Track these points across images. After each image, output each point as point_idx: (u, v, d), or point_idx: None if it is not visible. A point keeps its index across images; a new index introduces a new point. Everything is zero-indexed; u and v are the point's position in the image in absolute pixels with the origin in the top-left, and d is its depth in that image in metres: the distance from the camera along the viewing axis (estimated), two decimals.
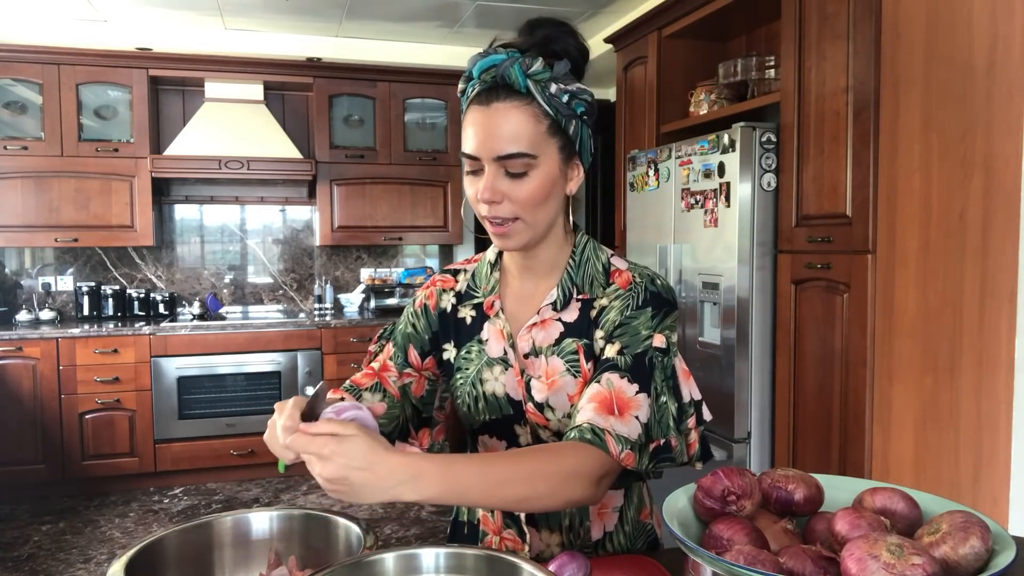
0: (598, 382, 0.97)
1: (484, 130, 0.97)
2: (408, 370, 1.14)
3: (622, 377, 0.96)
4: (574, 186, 1.05)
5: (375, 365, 1.15)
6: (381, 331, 1.22)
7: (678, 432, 0.99)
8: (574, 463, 0.89)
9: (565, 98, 0.98)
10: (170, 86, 4.58)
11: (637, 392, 0.96)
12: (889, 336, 2.19)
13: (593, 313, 1.05)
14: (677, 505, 0.90)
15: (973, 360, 2.29)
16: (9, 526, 3.64)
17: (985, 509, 2.33)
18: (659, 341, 1.00)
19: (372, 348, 1.21)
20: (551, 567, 0.90)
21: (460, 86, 1.04)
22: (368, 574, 0.82)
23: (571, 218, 1.09)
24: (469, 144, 0.99)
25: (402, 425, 1.13)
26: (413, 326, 1.16)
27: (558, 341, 1.05)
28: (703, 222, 2.76)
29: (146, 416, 4.08)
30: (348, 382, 1.13)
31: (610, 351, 1.00)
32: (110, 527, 3.63)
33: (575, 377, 1.03)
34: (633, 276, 1.05)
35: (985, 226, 2.28)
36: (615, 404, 0.94)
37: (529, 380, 1.05)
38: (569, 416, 1.01)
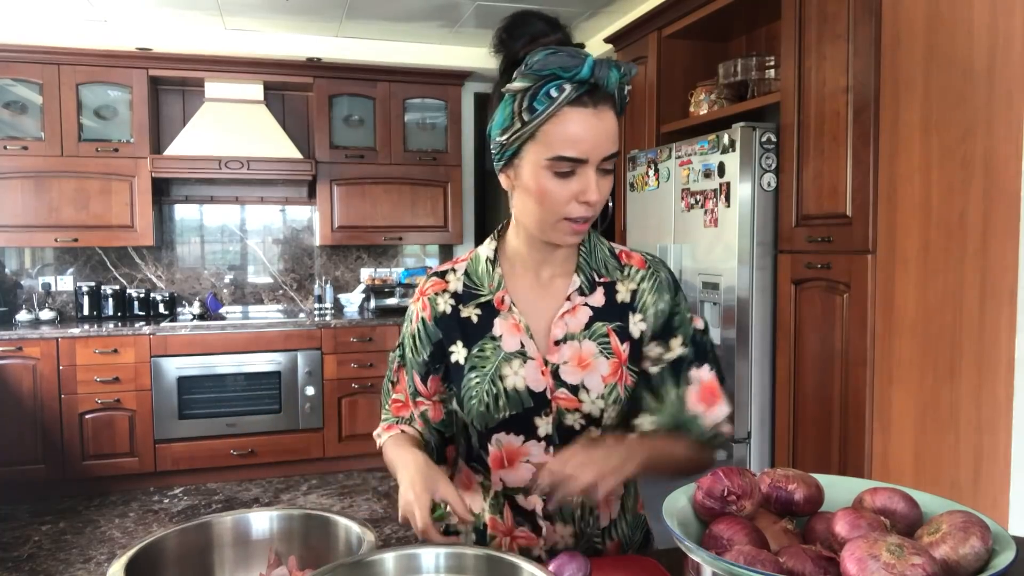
0: (688, 383, 1.11)
1: (595, 132, 0.97)
2: (420, 399, 1.16)
3: (699, 367, 1.12)
4: None
5: (401, 397, 1.20)
6: (392, 351, 1.22)
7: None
8: (701, 458, 1.12)
9: (628, 99, 1.03)
10: (170, 86, 4.58)
11: (710, 370, 1.12)
12: (889, 336, 2.19)
13: (619, 296, 1.11)
14: (677, 505, 0.90)
15: (973, 360, 2.29)
16: (9, 526, 3.64)
17: (985, 509, 2.33)
18: (698, 323, 1.14)
19: (391, 357, 1.22)
20: (551, 567, 0.91)
21: (525, 84, 0.96)
22: (368, 574, 0.82)
23: None
24: (575, 147, 0.96)
25: (436, 450, 1.18)
26: (412, 349, 1.15)
27: (588, 325, 1.09)
28: (703, 222, 2.76)
29: (146, 416, 4.08)
30: (392, 415, 1.19)
31: (677, 348, 1.11)
32: (110, 527, 3.63)
33: (608, 358, 1.08)
34: (644, 255, 1.15)
35: (985, 226, 2.28)
36: (711, 395, 1.11)
37: (556, 368, 1.07)
38: (602, 398, 1.08)
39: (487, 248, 1.14)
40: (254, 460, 4.27)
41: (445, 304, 1.13)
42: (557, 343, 1.08)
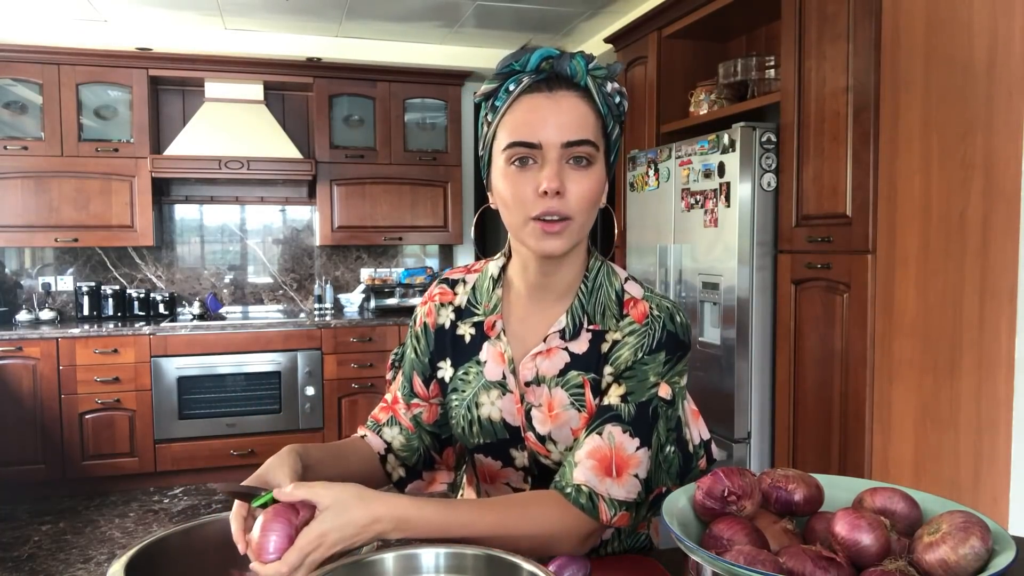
0: (599, 434, 0.94)
1: (550, 115, 0.90)
2: (415, 400, 1.11)
3: (624, 431, 0.93)
4: (604, 196, 0.99)
5: (388, 397, 1.14)
6: (392, 356, 1.20)
7: (681, 482, 0.99)
8: (561, 525, 0.90)
9: (617, 99, 0.96)
10: (170, 86, 4.58)
11: (638, 448, 0.94)
12: (889, 336, 2.19)
13: (604, 347, 0.99)
14: (677, 505, 0.90)
15: (973, 360, 2.29)
16: (9, 526, 3.64)
17: (985, 509, 2.33)
18: (664, 392, 0.97)
19: (388, 376, 1.20)
20: (551, 567, 0.90)
21: (489, 86, 0.96)
22: (368, 574, 0.82)
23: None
24: (525, 131, 0.91)
25: (424, 455, 1.11)
26: (414, 350, 1.12)
27: (563, 372, 1.00)
28: (703, 222, 2.76)
29: (146, 416, 4.08)
30: (369, 418, 1.14)
31: (614, 396, 0.96)
32: (110, 527, 3.63)
33: (579, 411, 0.99)
34: (650, 308, 1.00)
35: (985, 226, 2.28)
36: (614, 464, 0.92)
37: (529, 409, 1.01)
38: (570, 449, 0.97)
39: (495, 264, 1.08)
40: (254, 460, 4.26)
41: (446, 317, 1.09)
42: (528, 384, 1.01)
